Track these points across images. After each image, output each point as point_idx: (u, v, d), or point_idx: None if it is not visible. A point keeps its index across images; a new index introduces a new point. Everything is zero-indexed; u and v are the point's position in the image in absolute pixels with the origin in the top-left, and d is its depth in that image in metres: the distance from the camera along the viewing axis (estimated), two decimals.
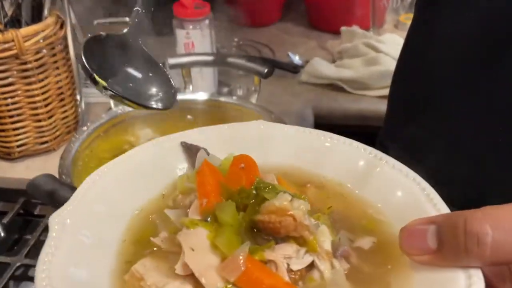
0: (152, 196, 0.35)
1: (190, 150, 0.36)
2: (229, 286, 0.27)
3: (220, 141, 0.37)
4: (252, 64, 0.69)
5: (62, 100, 0.93)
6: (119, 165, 0.35)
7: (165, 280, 0.28)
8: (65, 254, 0.28)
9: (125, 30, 0.50)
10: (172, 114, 0.72)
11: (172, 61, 0.70)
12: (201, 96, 0.72)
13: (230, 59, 0.71)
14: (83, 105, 1.00)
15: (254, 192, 0.31)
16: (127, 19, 0.92)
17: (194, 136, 0.37)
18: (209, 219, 0.30)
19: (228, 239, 0.29)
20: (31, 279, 0.74)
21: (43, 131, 0.92)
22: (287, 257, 0.29)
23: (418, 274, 0.28)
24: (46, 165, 0.90)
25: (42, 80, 0.88)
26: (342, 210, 0.34)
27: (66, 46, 0.93)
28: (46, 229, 0.81)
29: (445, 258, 0.28)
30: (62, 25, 0.92)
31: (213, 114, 0.73)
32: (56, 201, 0.44)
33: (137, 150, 0.37)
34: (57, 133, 0.95)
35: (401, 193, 0.33)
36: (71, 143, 0.60)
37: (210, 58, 0.71)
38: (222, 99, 0.71)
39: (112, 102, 1.03)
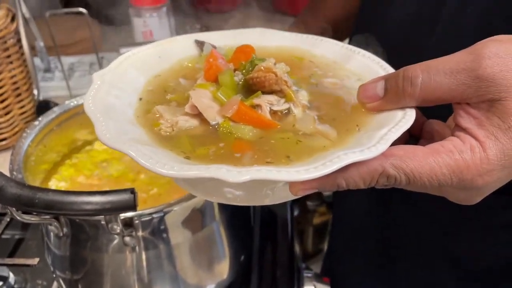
0: (169, 70, 0.46)
1: (202, 45, 0.49)
2: (226, 120, 0.38)
3: (226, 40, 0.49)
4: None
5: (18, 95, 0.92)
6: (147, 50, 0.46)
7: (178, 116, 0.38)
8: (103, 93, 0.39)
9: None
10: None
11: (124, 50, 0.69)
12: None
13: None
14: (41, 99, 0.98)
15: (249, 64, 0.41)
16: (80, 9, 0.90)
17: (205, 36, 0.49)
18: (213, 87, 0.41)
19: (226, 92, 0.39)
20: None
21: (0, 128, 0.91)
22: (269, 102, 0.39)
23: (369, 118, 0.38)
24: (5, 163, 0.89)
25: None
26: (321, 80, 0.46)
27: (19, 40, 0.91)
28: (7, 227, 0.81)
29: (389, 101, 0.37)
30: (14, 18, 0.89)
31: None
32: (3, 197, 0.44)
33: (161, 42, 0.48)
34: (16, 129, 0.93)
35: (367, 67, 0.44)
36: (22, 138, 0.59)
37: None
38: None
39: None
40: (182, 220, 0.56)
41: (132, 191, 0.44)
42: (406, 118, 0.36)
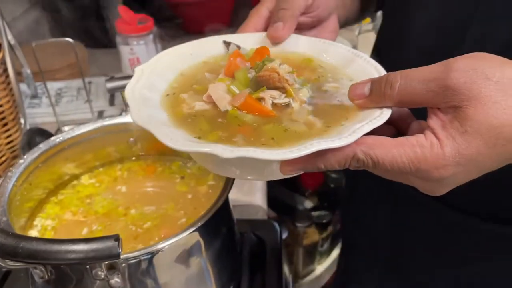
0: (197, 66, 0.55)
1: (228, 45, 0.57)
2: (234, 109, 0.46)
3: (251, 41, 0.57)
4: None
5: (5, 125, 0.91)
6: (182, 48, 0.55)
7: (196, 102, 0.47)
8: (141, 84, 0.48)
9: None
10: (113, 138, 0.71)
11: (110, 85, 0.69)
12: None
13: None
14: (28, 127, 0.97)
15: (261, 63, 0.49)
16: (66, 39, 0.90)
17: (232, 37, 0.57)
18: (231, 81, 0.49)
19: (238, 86, 0.47)
20: None
21: None
22: (272, 96, 0.47)
23: (355, 114, 0.45)
24: None
25: None
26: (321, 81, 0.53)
27: (5, 70, 0.90)
28: None
29: (372, 101, 0.43)
30: (0, 48, 0.89)
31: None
32: None
33: (193, 42, 0.57)
34: (3, 158, 0.92)
35: (365, 70, 0.51)
36: (6, 178, 0.59)
37: None
38: None
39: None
40: (169, 259, 0.55)
41: (117, 238, 0.44)
42: (381, 116, 0.42)
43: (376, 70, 0.50)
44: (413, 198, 0.70)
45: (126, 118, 0.71)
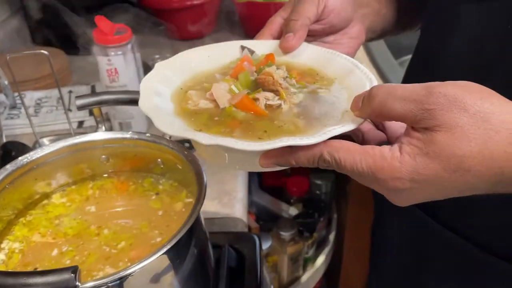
0: (210, 67, 0.60)
1: (244, 49, 0.61)
2: (231, 106, 0.50)
3: (265, 48, 0.61)
4: None
5: None
6: (200, 50, 0.61)
7: (201, 99, 0.52)
8: (155, 78, 0.54)
9: None
10: (85, 155, 0.70)
11: (79, 102, 0.67)
12: (114, 134, 0.70)
13: None
14: (4, 139, 0.96)
15: (263, 68, 0.54)
16: (42, 51, 0.88)
17: (250, 43, 0.61)
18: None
19: (238, 87, 0.52)
20: None
21: None
22: (266, 98, 0.51)
23: (336, 118, 0.50)
24: None
25: None
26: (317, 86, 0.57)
27: None
28: None
29: (362, 112, 0.46)
30: None
31: (128, 152, 0.71)
32: None
33: (212, 45, 0.62)
34: None
35: (360, 81, 0.54)
36: None
37: (123, 96, 0.69)
38: (136, 136, 0.70)
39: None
40: (140, 283, 0.54)
41: (74, 270, 0.43)
42: (345, 126, 0.45)
43: (370, 81, 0.52)
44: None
45: (97, 135, 0.70)
